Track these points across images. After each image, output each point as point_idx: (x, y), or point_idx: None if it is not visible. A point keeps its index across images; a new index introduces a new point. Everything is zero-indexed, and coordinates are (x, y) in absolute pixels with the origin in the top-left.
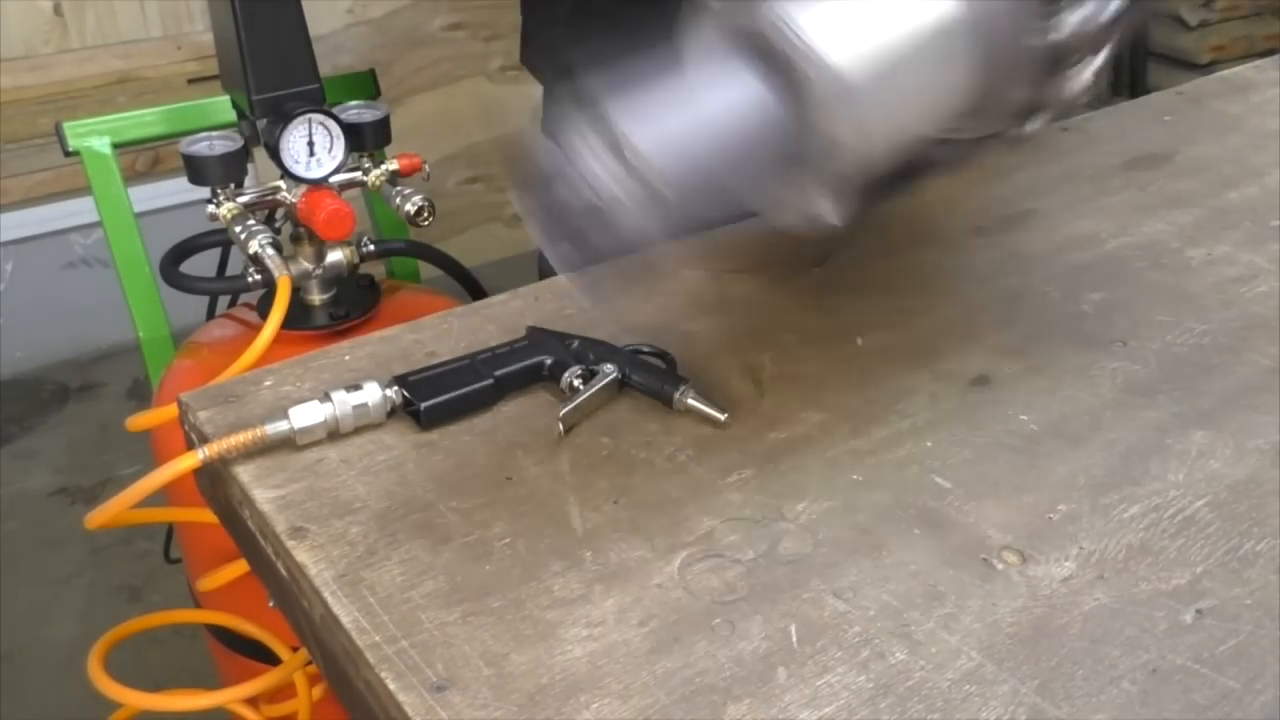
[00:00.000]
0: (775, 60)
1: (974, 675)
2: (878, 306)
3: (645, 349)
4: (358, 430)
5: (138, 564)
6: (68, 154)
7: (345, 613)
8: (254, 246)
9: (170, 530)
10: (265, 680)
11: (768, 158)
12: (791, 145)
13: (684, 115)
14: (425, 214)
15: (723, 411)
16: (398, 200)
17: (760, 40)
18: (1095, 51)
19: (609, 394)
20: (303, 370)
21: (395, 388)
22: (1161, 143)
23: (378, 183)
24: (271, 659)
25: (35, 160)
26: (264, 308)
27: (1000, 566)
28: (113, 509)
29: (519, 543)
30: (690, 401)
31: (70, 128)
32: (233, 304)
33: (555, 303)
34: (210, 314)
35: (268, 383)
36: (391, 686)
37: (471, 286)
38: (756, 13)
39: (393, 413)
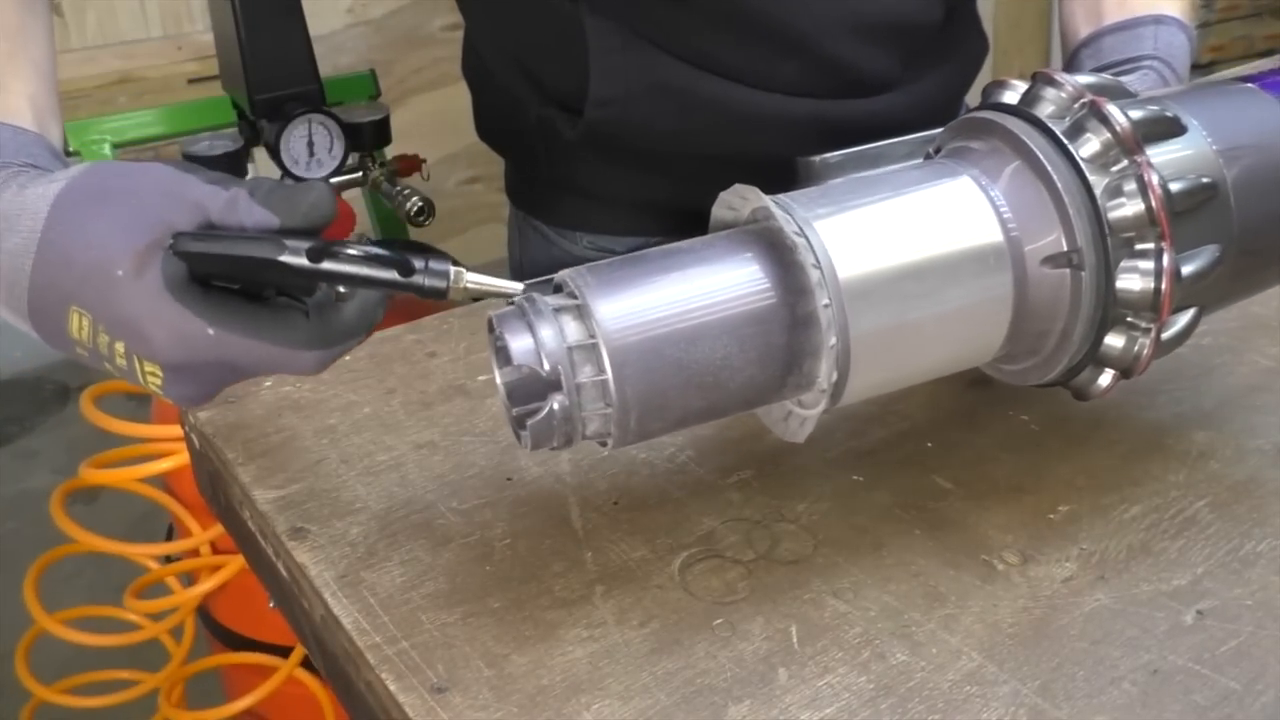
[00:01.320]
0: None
1: (975, 676)
2: None
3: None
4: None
5: (138, 564)
6: (68, 154)
7: (345, 613)
8: None
9: (170, 530)
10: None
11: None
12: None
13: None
14: (425, 214)
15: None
16: (397, 200)
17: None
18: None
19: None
20: None
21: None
22: None
23: (377, 183)
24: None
25: None
26: None
27: (1001, 567)
28: None
29: (519, 543)
30: (473, 280)
31: (70, 128)
32: None
33: None
34: None
35: (268, 383)
36: (392, 687)
37: None
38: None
39: None
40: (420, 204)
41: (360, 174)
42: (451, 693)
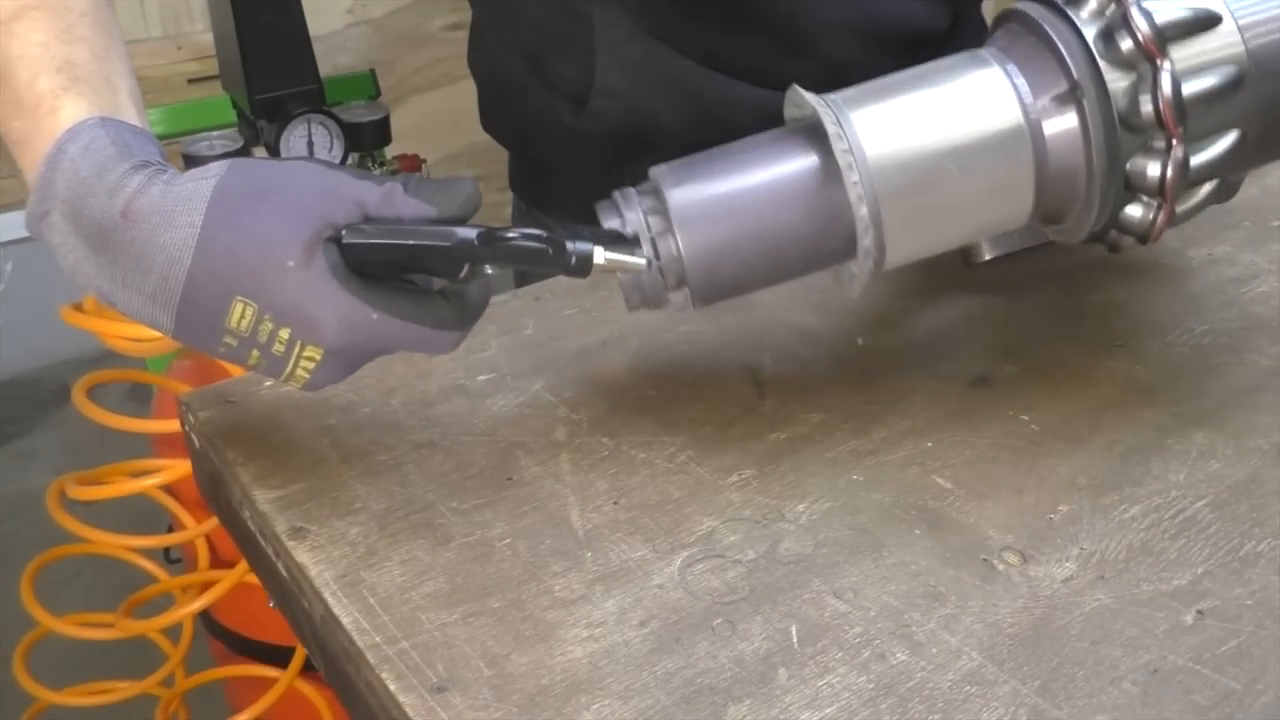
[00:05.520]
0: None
1: (975, 676)
2: (878, 306)
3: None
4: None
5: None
6: None
7: (345, 613)
8: None
9: (169, 529)
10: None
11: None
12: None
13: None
14: None
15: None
16: None
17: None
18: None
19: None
20: None
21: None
22: None
23: None
24: (273, 661)
25: None
26: None
27: (1001, 567)
28: None
29: (519, 543)
30: (610, 257)
31: None
32: None
33: (555, 302)
34: None
35: (268, 382)
36: (392, 687)
37: None
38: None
39: None
40: None
41: None
42: (451, 693)
